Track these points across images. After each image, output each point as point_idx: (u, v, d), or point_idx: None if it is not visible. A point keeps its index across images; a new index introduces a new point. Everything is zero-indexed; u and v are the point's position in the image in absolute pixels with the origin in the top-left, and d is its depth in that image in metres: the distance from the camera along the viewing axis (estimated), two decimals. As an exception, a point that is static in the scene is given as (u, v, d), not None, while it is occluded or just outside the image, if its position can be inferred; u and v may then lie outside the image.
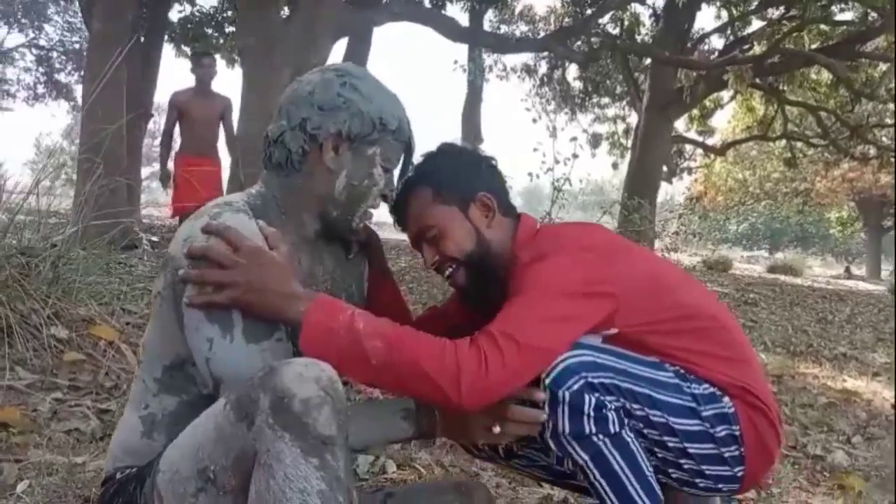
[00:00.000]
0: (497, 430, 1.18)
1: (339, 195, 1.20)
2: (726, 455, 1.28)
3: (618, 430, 1.23)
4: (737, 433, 1.28)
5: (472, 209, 1.41)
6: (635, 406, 1.24)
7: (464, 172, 1.43)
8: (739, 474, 1.29)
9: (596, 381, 1.21)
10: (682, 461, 1.27)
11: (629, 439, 1.24)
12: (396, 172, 1.32)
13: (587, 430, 1.21)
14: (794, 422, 2.93)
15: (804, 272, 15.41)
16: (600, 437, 1.22)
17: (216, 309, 1.06)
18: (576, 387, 1.20)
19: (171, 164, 5.72)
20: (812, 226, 33.00)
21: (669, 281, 1.36)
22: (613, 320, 1.27)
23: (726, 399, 1.29)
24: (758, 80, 11.29)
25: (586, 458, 1.22)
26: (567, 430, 1.21)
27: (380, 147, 1.21)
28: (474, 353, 1.12)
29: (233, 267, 1.07)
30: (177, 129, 5.73)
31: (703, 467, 1.28)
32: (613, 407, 1.22)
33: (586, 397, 1.20)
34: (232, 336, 1.05)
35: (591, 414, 1.21)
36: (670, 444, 1.26)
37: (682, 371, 1.30)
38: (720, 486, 1.30)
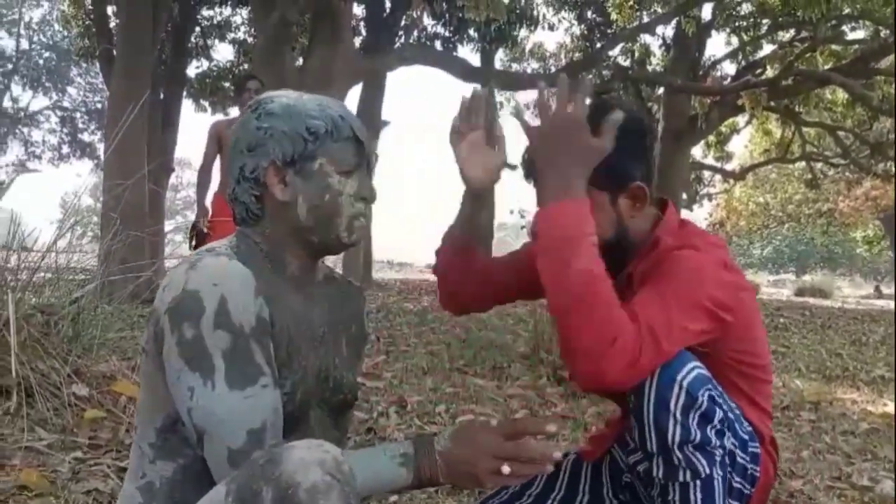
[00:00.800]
0: (507, 469, 1.11)
1: (307, 221, 1.14)
2: (744, 492, 1.28)
3: (728, 446, 1.20)
4: (757, 474, 1.29)
5: (623, 198, 1.30)
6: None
7: (626, 154, 1.26)
8: None
9: (714, 394, 1.18)
10: None
11: (728, 459, 1.21)
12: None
13: (713, 442, 1.17)
14: (836, 451, 2.81)
15: (833, 294, 15.07)
16: (719, 451, 1.18)
17: None
18: (707, 395, 1.17)
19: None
20: (838, 246, 32.55)
21: (758, 325, 1.37)
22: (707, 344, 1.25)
23: (757, 441, 1.30)
24: (772, 103, 11.27)
25: (710, 471, 1.17)
26: (697, 438, 1.16)
27: (323, 157, 1.14)
28: (636, 336, 1.12)
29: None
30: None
31: (729, 500, 1.25)
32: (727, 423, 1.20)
33: (716, 408, 1.17)
34: (213, 383, 0.99)
35: (717, 426, 1.17)
36: None
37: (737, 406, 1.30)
38: None
